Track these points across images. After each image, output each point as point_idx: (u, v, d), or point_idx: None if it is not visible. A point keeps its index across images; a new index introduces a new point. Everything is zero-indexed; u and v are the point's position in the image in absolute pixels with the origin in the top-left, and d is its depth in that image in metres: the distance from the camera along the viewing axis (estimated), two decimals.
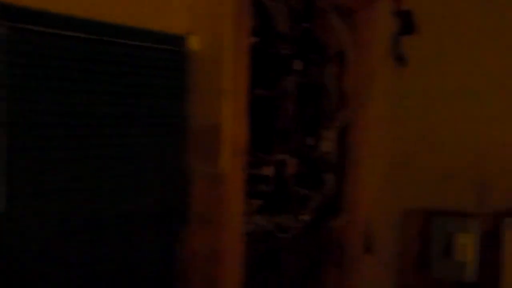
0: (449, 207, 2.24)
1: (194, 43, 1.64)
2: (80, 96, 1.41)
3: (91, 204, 1.45)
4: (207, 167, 1.62)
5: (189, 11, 1.62)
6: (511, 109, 2.17)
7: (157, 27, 1.57)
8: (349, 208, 2.26)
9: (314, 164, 2.19)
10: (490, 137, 2.21)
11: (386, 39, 2.34)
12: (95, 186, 1.45)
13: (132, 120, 1.53)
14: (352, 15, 2.32)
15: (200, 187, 1.63)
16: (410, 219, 2.31)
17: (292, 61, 2.10)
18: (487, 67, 2.21)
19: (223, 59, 1.61)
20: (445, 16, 2.29)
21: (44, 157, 1.34)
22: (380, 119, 2.32)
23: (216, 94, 1.60)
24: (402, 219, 2.33)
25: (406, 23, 2.34)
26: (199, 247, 1.64)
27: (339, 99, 2.28)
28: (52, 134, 1.36)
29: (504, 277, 2.07)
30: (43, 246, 1.35)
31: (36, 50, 1.31)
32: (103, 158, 1.47)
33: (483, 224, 2.17)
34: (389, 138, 2.34)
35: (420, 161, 2.31)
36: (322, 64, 2.23)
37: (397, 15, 2.34)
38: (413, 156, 2.32)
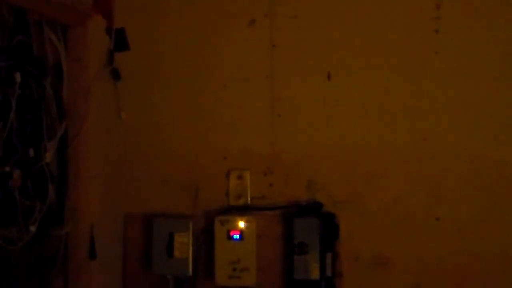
0: (167, 210, 2.43)
1: None
2: None
3: None
4: None
5: None
6: (220, 122, 2.45)
7: None
8: (72, 217, 2.32)
9: (37, 175, 2.20)
10: (199, 147, 2.46)
11: (101, 55, 2.46)
12: None
13: None
14: (67, 30, 2.39)
15: None
16: (132, 223, 2.45)
17: (11, 73, 2.10)
18: (194, 81, 2.47)
19: None
20: (153, 33, 2.51)
21: None
22: (98, 130, 2.42)
23: None
24: (125, 223, 2.46)
25: (119, 40, 2.49)
26: None
27: (58, 111, 2.34)
28: None
29: (217, 267, 2.34)
30: None
31: None
32: None
33: (197, 223, 2.40)
34: (108, 147, 2.46)
35: (138, 169, 2.47)
36: (40, 77, 2.26)
37: (110, 32, 2.49)
38: (132, 164, 2.48)
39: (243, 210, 2.38)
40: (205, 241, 2.39)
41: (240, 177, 2.40)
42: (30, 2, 2.15)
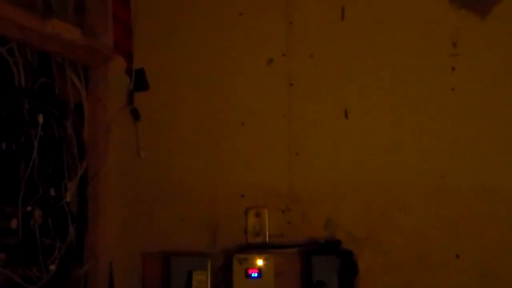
0: (185, 248, 2.45)
1: None
2: None
3: None
4: None
5: None
6: (237, 160, 2.48)
7: None
8: (91, 256, 2.34)
9: (57, 214, 2.23)
10: (217, 185, 2.48)
11: (121, 95, 2.51)
12: None
13: None
14: (88, 72, 2.44)
15: None
16: (151, 262, 2.47)
17: (34, 115, 2.15)
18: (212, 120, 2.51)
19: None
20: (172, 73, 2.55)
21: None
22: (118, 169, 2.45)
23: None
24: (143, 262, 2.48)
25: (139, 80, 2.54)
26: None
27: (78, 151, 2.38)
28: None
29: None
30: None
31: None
32: None
33: (216, 261, 2.41)
34: (127, 186, 2.49)
35: (157, 207, 2.50)
36: (61, 117, 2.31)
37: (130, 73, 2.54)
38: (151, 202, 2.50)
39: (261, 248, 2.39)
40: (223, 279, 2.39)
41: (258, 215, 2.42)
42: (53, 45, 2.20)
